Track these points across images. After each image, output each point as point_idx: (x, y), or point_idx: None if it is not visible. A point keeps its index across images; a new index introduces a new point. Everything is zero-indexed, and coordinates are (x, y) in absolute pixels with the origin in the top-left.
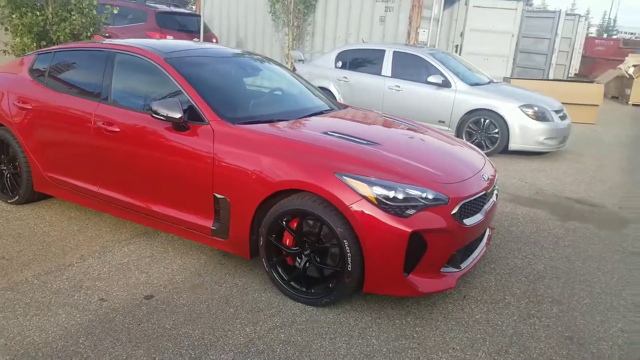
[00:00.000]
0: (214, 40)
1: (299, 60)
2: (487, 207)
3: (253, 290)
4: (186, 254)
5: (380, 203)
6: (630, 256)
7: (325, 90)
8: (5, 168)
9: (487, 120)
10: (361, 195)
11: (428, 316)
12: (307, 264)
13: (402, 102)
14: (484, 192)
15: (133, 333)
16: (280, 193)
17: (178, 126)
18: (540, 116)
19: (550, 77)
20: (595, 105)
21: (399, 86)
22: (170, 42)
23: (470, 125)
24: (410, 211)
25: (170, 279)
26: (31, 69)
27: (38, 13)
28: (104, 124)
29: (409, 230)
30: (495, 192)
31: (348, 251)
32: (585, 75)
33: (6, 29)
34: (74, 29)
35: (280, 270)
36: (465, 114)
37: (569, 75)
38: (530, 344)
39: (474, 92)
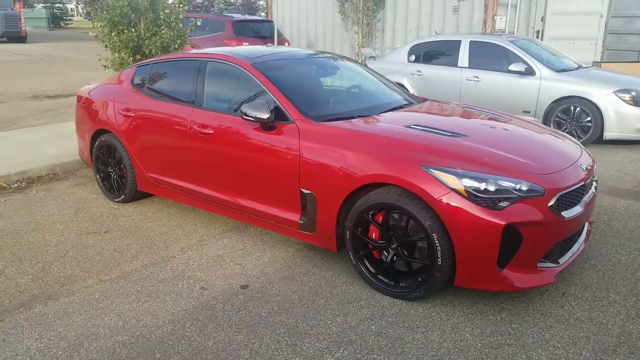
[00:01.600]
0: (287, 44)
1: (370, 57)
2: (586, 198)
3: (341, 283)
4: (275, 247)
5: (471, 195)
6: None
7: (399, 85)
8: (112, 170)
9: (578, 108)
10: (450, 187)
11: (524, 313)
12: (395, 257)
13: (481, 93)
14: (583, 182)
15: (233, 320)
16: (366, 187)
17: (266, 126)
18: (639, 101)
19: None
20: None
21: (477, 77)
22: (253, 49)
23: (559, 114)
24: (504, 203)
25: (262, 270)
26: (132, 80)
27: (133, 30)
28: (198, 127)
29: (503, 222)
30: (595, 183)
31: (437, 245)
32: None
33: (105, 46)
34: (164, 42)
35: (367, 263)
36: (553, 102)
37: None
38: None
39: (561, 78)
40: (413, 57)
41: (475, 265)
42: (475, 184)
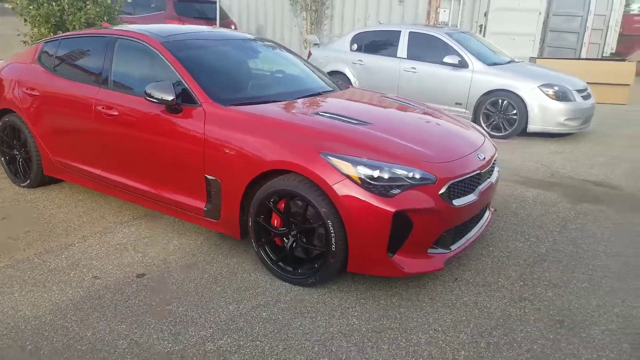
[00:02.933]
0: (233, 27)
1: (315, 44)
2: (482, 187)
3: (243, 271)
4: (184, 235)
5: (364, 182)
6: None
7: (340, 74)
8: (17, 153)
9: (505, 101)
10: (345, 174)
11: (415, 297)
12: (294, 244)
13: (418, 84)
14: (478, 172)
15: (119, 309)
16: (268, 174)
17: (171, 108)
18: (561, 96)
19: (583, 56)
20: (626, 85)
21: (414, 68)
22: (171, 27)
23: (488, 106)
24: (395, 191)
25: (165, 259)
26: (39, 57)
27: (54, 4)
28: (103, 108)
29: (393, 209)
30: (495, 172)
31: (332, 231)
32: (623, 54)
33: (25, 20)
34: (89, 18)
35: (268, 250)
36: (483, 95)
37: (604, 55)
38: (517, 326)
39: (492, 72)
40: (355, 46)
41: (366, 251)
42: (368, 171)
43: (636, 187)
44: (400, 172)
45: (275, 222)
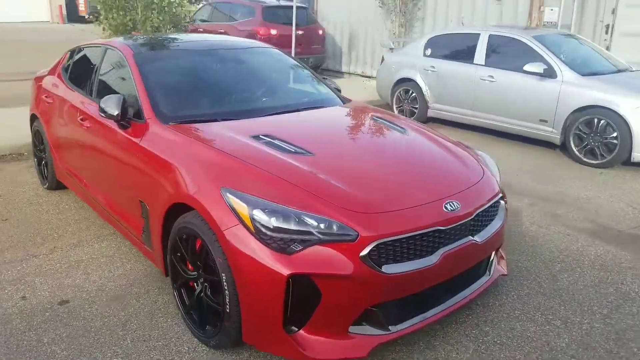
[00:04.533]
0: (320, 32)
1: (390, 48)
2: (449, 248)
3: (163, 314)
4: (141, 260)
5: (258, 231)
6: None
7: (410, 82)
8: (43, 156)
9: (603, 121)
10: (239, 219)
11: None
12: (202, 294)
13: (496, 95)
14: (437, 227)
15: (11, 341)
16: (182, 206)
17: (120, 124)
18: None
19: None
20: None
21: (492, 76)
22: (165, 37)
23: (581, 126)
24: (297, 247)
25: (100, 286)
26: (64, 66)
27: (122, 13)
28: (82, 119)
29: (287, 272)
30: (493, 228)
31: (225, 288)
32: None
33: (103, 29)
34: (154, 27)
35: (184, 294)
36: (574, 111)
37: None
38: None
39: (586, 83)
40: (429, 51)
41: (259, 320)
42: (264, 217)
43: None
44: (310, 221)
45: (188, 263)
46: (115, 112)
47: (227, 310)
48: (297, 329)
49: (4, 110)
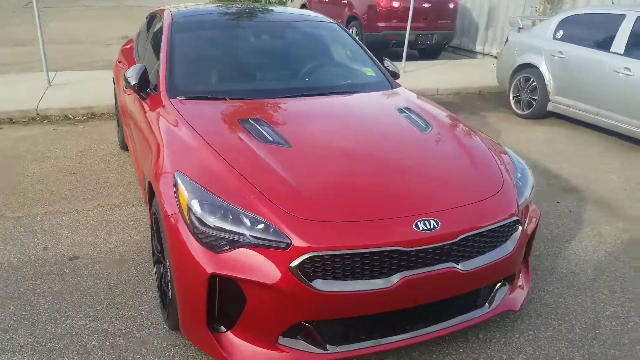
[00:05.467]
0: (451, 5)
1: (519, 28)
2: (415, 273)
3: (149, 286)
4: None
5: (191, 223)
6: None
7: (533, 68)
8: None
9: None
10: (179, 207)
11: None
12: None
13: (630, 93)
14: (393, 247)
15: (9, 286)
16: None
17: (139, 94)
18: None
19: None
20: None
21: (629, 69)
22: (208, 9)
23: None
24: (225, 246)
25: (113, 248)
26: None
27: None
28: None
29: (209, 271)
30: (482, 253)
31: (169, 274)
32: None
33: None
34: None
35: (155, 272)
36: None
37: None
38: None
39: None
40: (560, 33)
41: (188, 314)
42: (199, 209)
43: None
44: (246, 221)
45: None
46: (133, 82)
47: (169, 297)
48: (225, 330)
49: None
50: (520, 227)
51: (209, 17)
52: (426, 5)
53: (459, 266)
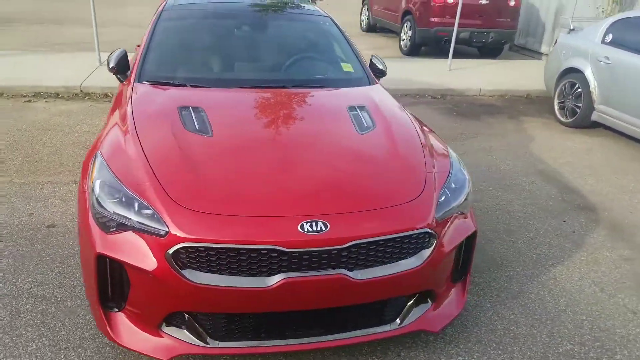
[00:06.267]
0: (512, 3)
1: (570, 29)
2: (297, 276)
3: None
4: None
5: (92, 202)
6: None
7: (578, 73)
8: None
9: None
10: (89, 186)
11: None
12: None
13: None
14: (271, 246)
15: None
16: None
17: (117, 77)
18: None
19: None
20: None
21: None
22: None
23: None
24: (114, 228)
25: None
26: None
27: None
28: None
29: (97, 251)
30: (384, 263)
31: None
32: None
33: None
34: None
35: None
36: None
37: None
38: None
39: None
40: (610, 37)
41: (87, 290)
42: (98, 190)
43: None
44: (135, 205)
45: None
46: (111, 65)
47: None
48: (117, 310)
49: None
50: (434, 241)
51: (203, 7)
52: (484, 1)
53: (351, 274)
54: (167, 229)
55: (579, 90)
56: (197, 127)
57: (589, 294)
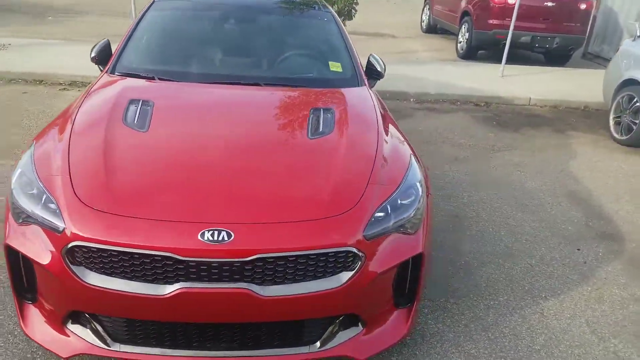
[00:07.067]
0: (583, 7)
1: (636, 36)
2: (194, 287)
3: None
4: None
5: (11, 193)
6: None
7: (638, 86)
8: None
9: None
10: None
11: None
12: None
13: None
14: (165, 253)
15: None
16: None
17: (99, 67)
18: None
19: None
20: None
21: None
22: None
23: None
24: (22, 220)
25: None
26: None
27: None
28: None
29: (5, 241)
30: (296, 281)
31: None
32: None
33: None
34: None
35: None
36: None
37: None
38: None
39: None
40: None
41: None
42: (14, 179)
43: None
44: (43, 199)
45: None
46: (92, 55)
47: None
48: (31, 302)
49: None
50: (359, 262)
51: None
52: (549, 4)
53: (257, 289)
54: (63, 226)
55: (638, 104)
56: (135, 122)
57: (576, 334)
